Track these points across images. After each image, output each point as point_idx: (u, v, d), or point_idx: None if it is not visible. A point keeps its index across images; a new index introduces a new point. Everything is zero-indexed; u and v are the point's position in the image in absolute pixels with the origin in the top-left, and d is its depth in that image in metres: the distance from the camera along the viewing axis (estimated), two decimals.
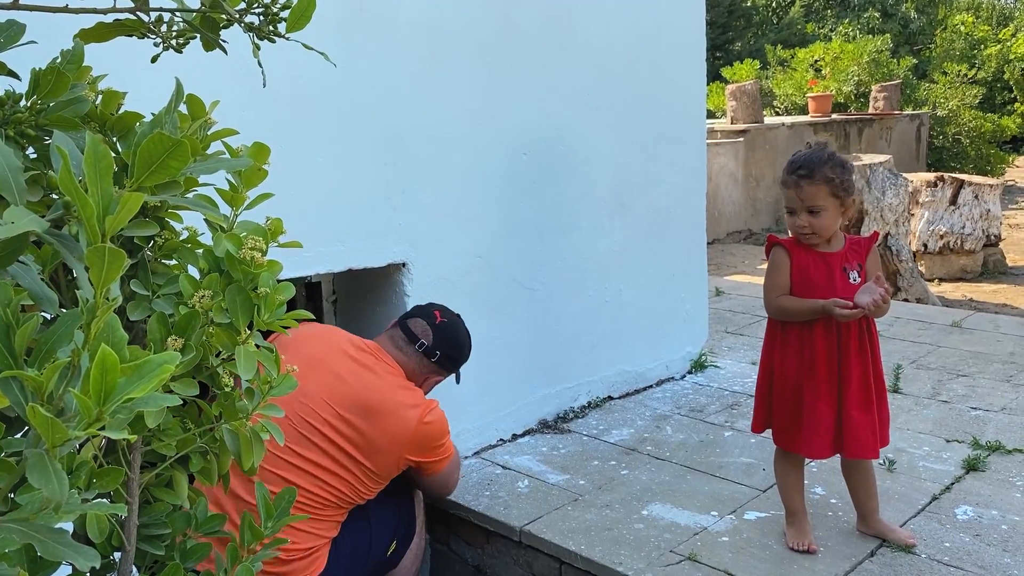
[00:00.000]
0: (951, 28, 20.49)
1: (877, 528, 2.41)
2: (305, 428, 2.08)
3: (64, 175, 0.65)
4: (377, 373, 2.18)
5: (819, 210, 2.19)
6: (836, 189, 2.19)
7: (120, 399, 0.64)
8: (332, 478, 2.10)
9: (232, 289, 1.06)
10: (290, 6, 1.24)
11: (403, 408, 2.14)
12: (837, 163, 2.20)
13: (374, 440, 2.11)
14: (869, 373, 2.29)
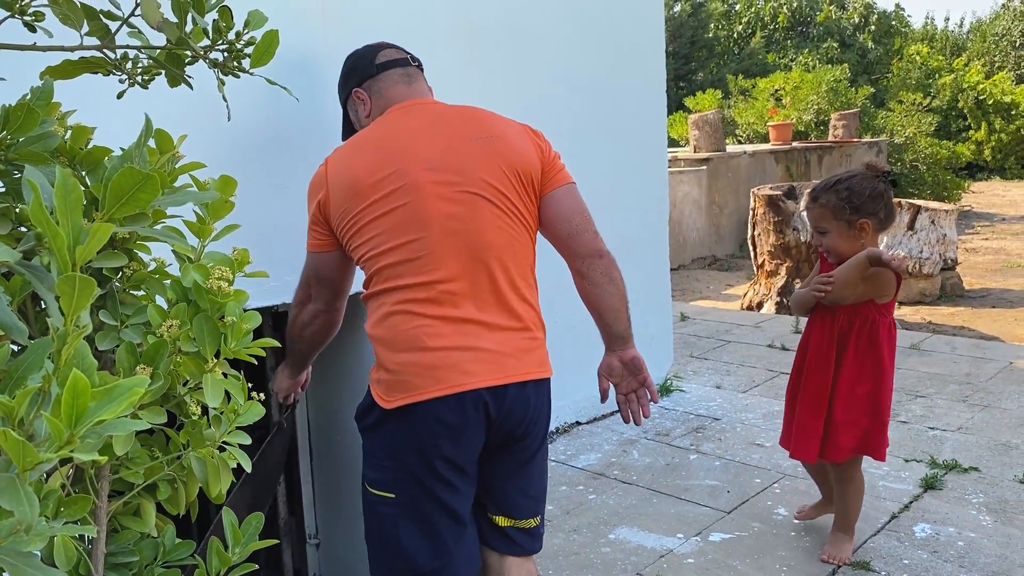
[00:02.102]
0: (907, 58, 21.05)
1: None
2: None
3: (35, 207, 0.68)
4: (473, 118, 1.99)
5: (824, 231, 2.35)
6: (837, 213, 2.30)
7: (91, 422, 0.67)
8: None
9: (199, 318, 1.08)
10: (254, 42, 1.28)
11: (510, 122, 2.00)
12: (843, 189, 2.30)
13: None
14: (827, 381, 2.36)
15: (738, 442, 3.36)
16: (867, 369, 2.34)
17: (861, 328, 2.33)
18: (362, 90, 2.06)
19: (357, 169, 1.87)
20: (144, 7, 1.11)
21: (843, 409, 2.35)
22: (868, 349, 2.34)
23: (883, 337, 2.33)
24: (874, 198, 2.29)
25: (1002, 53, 22.95)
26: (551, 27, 3.22)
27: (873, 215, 2.29)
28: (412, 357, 1.81)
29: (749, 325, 5.45)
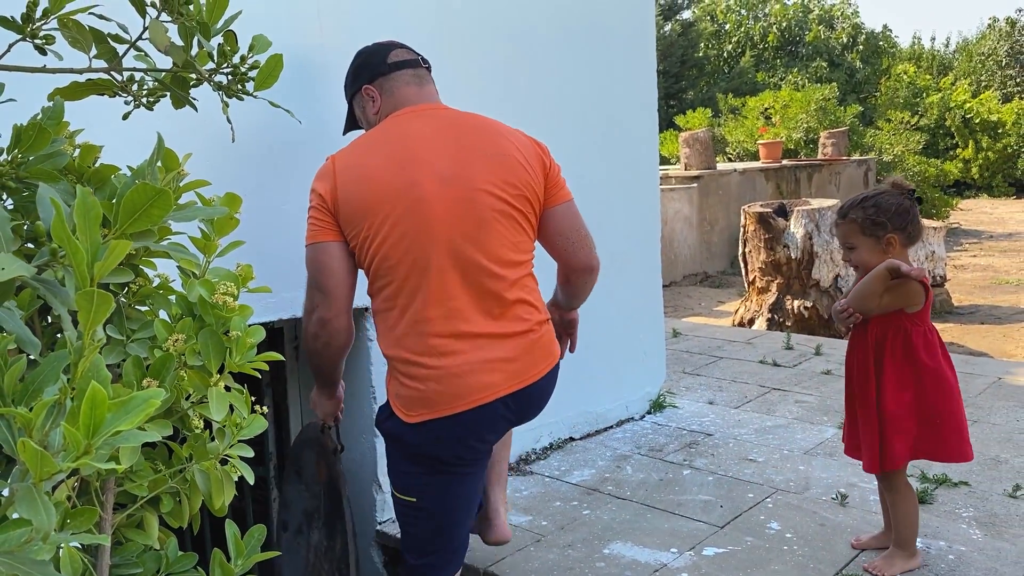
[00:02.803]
0: (895, 77, 21.28)
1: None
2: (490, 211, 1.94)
3: (57, 224, 0.70)
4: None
5: (852, 247, 2.41)
6: (865, 228, 2.37)
7: (108, 433, 0.69)
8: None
9: (205, 333, 1.10)
10: (258, 66, 1.31)
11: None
12: (871, 204, 2.37)
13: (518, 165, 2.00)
14: (872, 392, 2.42)
15: (731, 457, 3.39)
16: (907, 378, 2.38)
17: (895, 338, 2.38)
18: (373, 87, 2.08)
19: (369, 173, 1.92)
20: (152, 32, 1.15)
21: (890, 419, 2.40)
22: (904, 358, 2.38)
23: (918, 345, 2.37)
24: (900, 214, 2.36)
25: (988, 72, 23.22)
26: (543, 47, 3.26)
27: (900, 230, 2.36)
28: (431, 374, 1.89)
29: (741, 341, 5.49)
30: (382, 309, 1.96)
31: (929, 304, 2.39)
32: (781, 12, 23.52)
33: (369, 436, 2.82)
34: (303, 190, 2.50)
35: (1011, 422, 3.70)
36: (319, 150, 2.52)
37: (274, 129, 2.38)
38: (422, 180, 1.89)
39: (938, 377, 2.38)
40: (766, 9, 24.34)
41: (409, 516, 2.07)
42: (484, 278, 1.92)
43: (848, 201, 2.47)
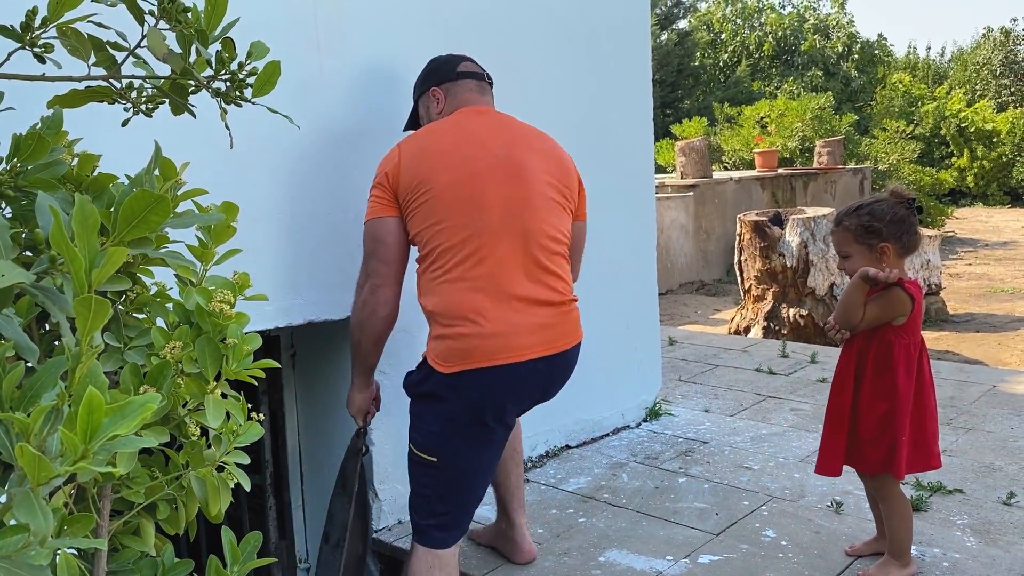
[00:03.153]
0: (890, 86, 21.36)
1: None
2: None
3: (56, 231, 0.71)
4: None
5: (847, 255, 2.43)
6: (858, 236, 2.38)
7: (105, 437, 0.70)
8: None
9: (202, 340, 1.11)
10: (256, 73, 1.32)
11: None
12: (865, 212, 2.39)
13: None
14: (846, 401, 2.45)
15: (726, 465, 3.39)
16: (882, 390, 2.40)
17: (877, 350, 2.40)
18: (440, 89, 2.33)
19: (430, 147, 2.14)
20: (150, 39, 1.15)
21: (866, 428, 2.43)
22: (884, 370, 2.40)
23: (898, 358, 2.38)
24: (895, 222, 2.36)
25: (983, 82, 23.33)
26: (538, 56, 3.28)
27: (895, 239, 2.36)
28: (470, 329, 2.05)
29: (737, 349, 5.50)
30: (431, 267, 2.11)
31: (917, 316, 2.38)
32: (777, 22, 23.62)
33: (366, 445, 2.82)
34: (296, 198, 2.51)
35: (1005, 430, 3.71)
36: (317, 157, 2.53)
37: (272, 136, 2.39)
38: (479, 156, 2.12)
39: (907, 395, 2.39)
40: (762, 19, 24.45)
41: (426, 476, 2.17)
42: (531, 246, 2.10)
43: (844, 208, 2.48)
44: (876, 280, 2.31)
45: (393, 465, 2.84)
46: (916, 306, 2.36)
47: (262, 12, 2.33)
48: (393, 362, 2.81)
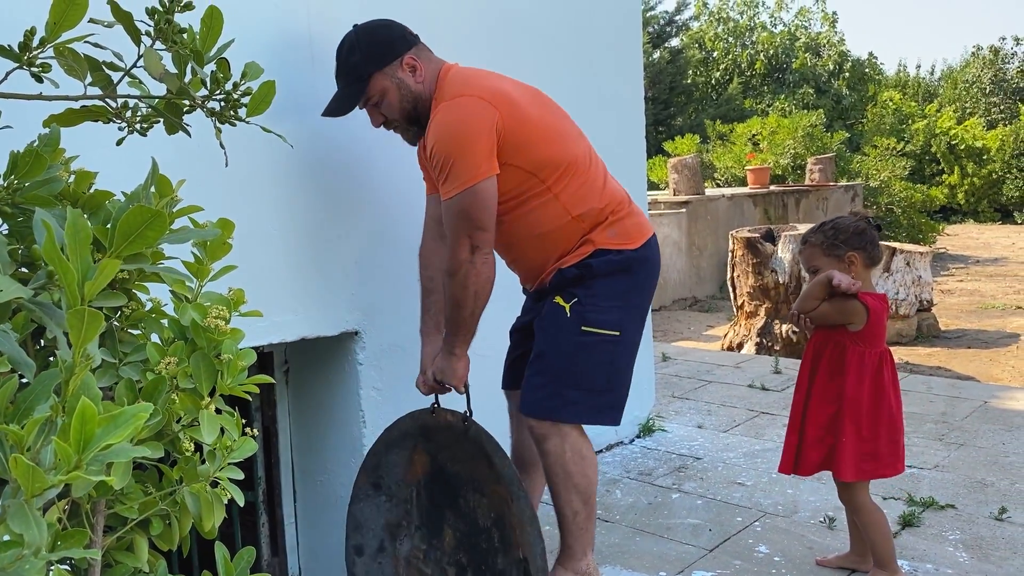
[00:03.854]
0: (881, 104, 21.51)
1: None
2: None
3: (48, 245, 0.72)
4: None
5: (816, 269, 2.50)
6: (826, 249, 2.48)
7: (98, 447, 0.71)
8: None
9: (197, 356, 1.12)
10: (250, 93, 1.33)
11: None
12: (828, 227, 2.51)
13: None
14: (801, 400, 2.55)
15: (720, 481, 3.40)
16: (831, 393, 2.48)
17: (832, 352, 2.49)
18: (412, 56, 2.32)
19: (509, 90, 2.30)
20: (147, 60, 1.17)
21: (812, 427, 2.51)
22: (835, 373, 2.48)
23: (851, 363, 2.45)
24: (858, 233, 2.48)
25: (972, 99, 23.51)
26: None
27: (860, 249, 2.47)
28: (634, 209, 2.46)
29: (730, 365, 5.51)
30: (573, 181, 2.34)
31: (876, 327, 2.45)
32: (768, 40, 23.80)
33: (358, 460, 2.82)
34: (290, 213, 2.52)
35: (997, 445, 3.73)
36: (310, 173, 2.55)
37: (265, 153, 2.40)
38: (549, 102, 2.45)
39: (856, 400, 2.45)
40: (753, 37, 24.64)
41: (608, 353, 2.35)
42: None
43: (808, 229, 2.59)
44: (839, 288, 2.41)
45: None
46: (873, 316, 2.43)
47: (256, 29, 2.36)
48: (387, 378, 2.82)
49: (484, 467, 2.33)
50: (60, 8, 1.13)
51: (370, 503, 2.50)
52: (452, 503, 2.39)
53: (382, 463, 2.49)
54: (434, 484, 2.43)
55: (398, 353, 2.86)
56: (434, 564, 2.41)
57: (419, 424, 2.45)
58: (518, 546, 2.29)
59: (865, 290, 2.46)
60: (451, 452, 2.39)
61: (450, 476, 2.39)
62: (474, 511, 2.36)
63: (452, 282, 2.28)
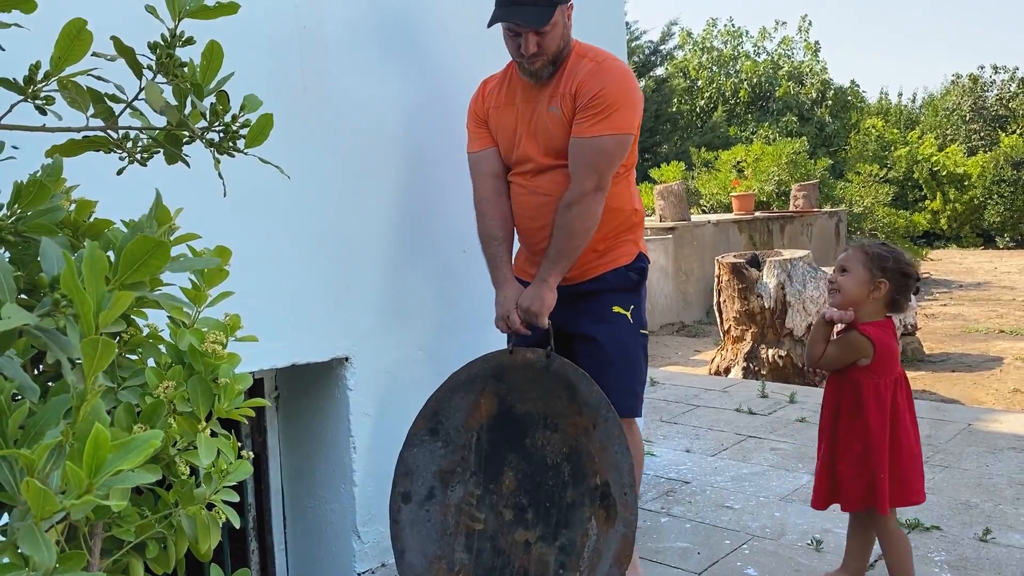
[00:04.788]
0: (863, 131, 21.78)
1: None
2: None
3: (67, 275, 0.75)
4: None
5: (845, 270, 2.53)
6: (868, 260, 2.49)
7: (109, 472, 0.73)
8: None
9: (194, 380, 1.14)
10: (248, 124, 1.37)
11: None
12: (888, 250, 2.54)
13: None
14: (828, 439, 2.55)
15: (708, 505, 3.42)
16: (856, 431, 2.47)
17: (849, 392, 2.49)
18: (571, 6, 2.54)
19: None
20: (148, 93, 1.21)
21: (844, 468, 2.50)
22: (856, 411, 2.47)
23: (868, 399, 2.44)
24: (904, 275, 2.49)
25: (953, 127, 23.82)
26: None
27: (894, 285, 2.47)
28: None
29: (717, 390, 5.55)
30: (632, 176, 2.70)
31: (885, 355, 2.45)
32: (752, 69, 24.11)
33: (348, 486, 2.83)
34: (281, 241, 2.55)
35: (981, 467, 3.77)
36: (299, 201, 2.58)
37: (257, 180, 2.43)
38: None
39: (880, 434, 2.44)
40: (737, 66, 24.94)
41: (645, 350, 2.69)
42: None
43: (872, 241, 2.61)
44: (832, 320, 2.45)
45: (376, 506, 2.85)
46: (879, 347, 2.43)
47: (250, 60, 2.39)
48: (377, 404, 2.84)
49: (563, 400, 2.42)
50: (65, 43, 1.17)
51: (424, 449, 2.53)
52: (517, 444, 2.46)
53: (443, 408, 2.54)
54: (498, 427, 2.49)
55: (389, 378, 2.88)
56: (488, 509, 2.43)
57: (493, 365, 2.53)
58: (595, 473, 2.35)
59: (871, 319, 2.47)
60: (524, 392, 2.48)
61: (518, 417, 2.48)
62: (542, 449, 2.43)
63: (569, 213, 2.46)
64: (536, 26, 2.39)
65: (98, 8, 1.95)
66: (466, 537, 2.44)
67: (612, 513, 2.30)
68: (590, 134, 2.42)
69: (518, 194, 2.63)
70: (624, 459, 2.31)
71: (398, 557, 2.47)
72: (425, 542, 2.46)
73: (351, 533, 2.86)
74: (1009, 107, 22.89)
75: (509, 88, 2.63)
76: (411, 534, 2.47)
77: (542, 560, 2.36)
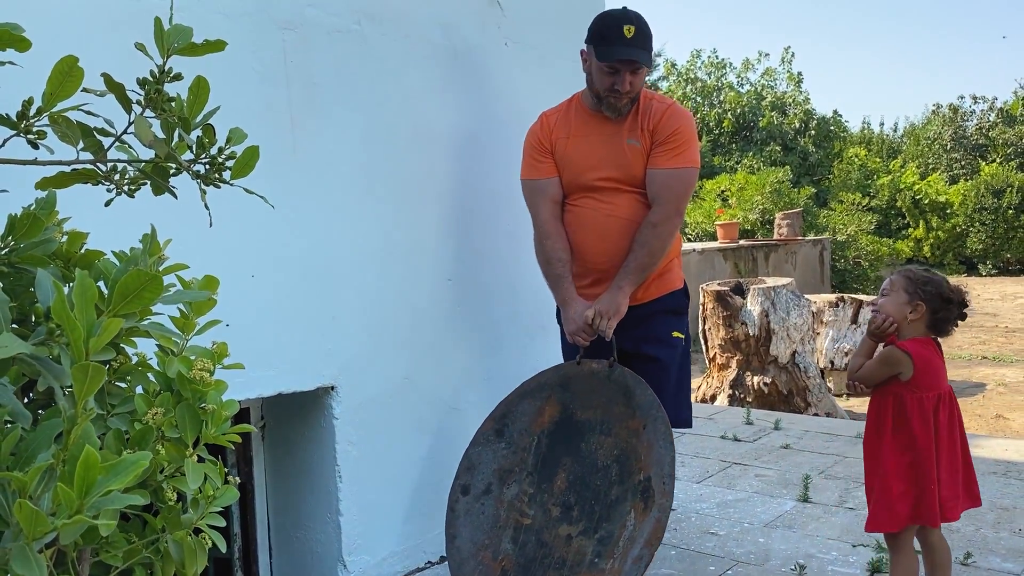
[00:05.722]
0: (846, 160, 22.05)
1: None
2: None
3: (58, 304, 0.78)
4: None
5: (887, 292, 2.58)
6: (908, 283, 2.54)
7: (100, 493, 0.76)
8: None
9: (182, 407, 1.17)
10: (234, 156, 1.41)
11: None
12: (927, 275, 2.58)
13: None
14: (874, 456, 2.56)
15: (692, 531, 3.44)
16: (902, 442, 2.49)
17: (893, 404, 2.51)
18: None
19: None
20: (137, 128, 1.24)
21: (896, 481, 2.49)
22: (901, 425, 2.49)
23: (912, 412, 2.47)
24: (943, 299, 2.52)
25: (935, 155, 24.16)
26: (506, 139, 3.42)
27: (933, 307, 2.51)
28: None
29: (703, 417, 5.57)
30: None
31: (926, 371, 2.48)
32: (735, 99, 24.39)
33: (334, 516, 2.84)
34: (268, 269, 2.58)
35: None
36: (285, 231, 2.62)
37: (245, 212, 2.46)
38: None
39: (927, 446, 2.45)
40: (721, 96, 25.23)
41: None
42: None
43: (916, 266, 2.68)
44: (872, 324, 2.54)
45: (362, 535, 2.86)
46: (918, 361, 2.46)
47: (237, 93, 2.44)
48: (363, 433, 2.85)
49: (620, 406, 2.70)
50: (57, 79, 1.21)
51: (488, 448, 2.78)
52: (573, 448, 2.72)
53: (511, 412, 2.80)
54: (558, 431, 2.76)
55: (374, 406, 2.90)
56: (538, 506, 2.67)
57: (561, 374, 2.83)
58: (640, 470, 2.60)
59: (912, 335, 2.50)
60: (585, 399, 2.76)
61: (577, 423, 2.75)
62: (595, 453, 2.69)
63: (654, 231, 2.78)
64: (648, 66, 2.80)
65: (89, 45, 1.99)
66: (514, 530, 2.69)
67: (650, 503, 2.52)
68: (671, 166, 2.79)
69: (587, 216, 2.90)
70: (667, 452, 2.57)
71: (449, 542, 2.74)
72: (476, 531, 2.72)
73: (337, 562, 2.86)
74: (989, 136, 23.24)
75: (578, 120, 2.93)
76: (464, 523, 2.73)
77: (580, 551, 2.57)
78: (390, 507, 2.98)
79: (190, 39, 1.26)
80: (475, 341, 3.31)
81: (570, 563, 2.54)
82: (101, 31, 2.15)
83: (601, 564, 2.49)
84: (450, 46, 3.16)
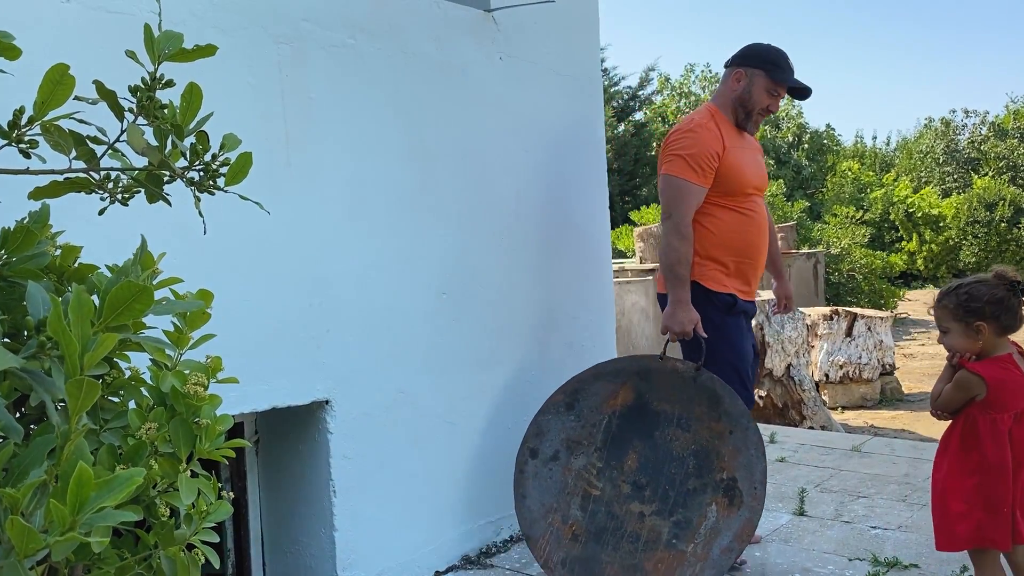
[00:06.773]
0: (840, 174, 22.14)
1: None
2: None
3: (55, 319, 0.77)
4: None
5: (946, 330, 2.55)
6: (955, 314, 2.49)
7: (93, 509, 0.74)
8: None
9: (176, 421, 1.15)
10: (228, 163, 1.40)
11: None
12: (963, 292, 2.49)
13: None
14: (940, 476, 2.54)
15: None
16: (971, 463, 2.44)
17: (965, 425, 2.47)
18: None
19: None
20: (130, 135, 1.23)
21: (955, 501, 2.45)
22: (972, 446, 2.45)
23: (984, 432, 2.43)
24: (993, 303, 2.44)
25: (927, 169, 24.28)
26: (501, 154, 3.42)
27: (992, 319, 2.44)
28: None
29: None
30: None
31: (999, 391, 2.42)
32: None
33: (328, 530, 2.82)
34: (262, 284, 2.57)
35: None
36: (280, 244, 2.60)
37: (240, 223, 2.45)
38: None
39: (1001, 467, 2.41)
40: None
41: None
42: None
43: (945, 287, 2.60)
44: (954, 362, 2.52)
45: (356, 550, 2.83)
46: (991, 382, 2.41)
47: (232, 107, 2.43)
48: (357, 447, 2.83)
49: (703, 407, 2.90)
50: (48, 88, 1.20)
51: (557, 418, 2.96)
52: (645, 435, 2.94)
53: (583, 388, 2.97)
54: (630, 415, 2.96)
55: (369, 421, 2.88)
56: (607, 480, 2.87)
57: (639, 365, 3.03)
58: (723, 469, 2.83)
59: (992, 353, 2.45)
60: (664, 393, 2.95)
61: (652, 412, 2.95)
62: (669, 443, 2.91)
63: (775, 235, 3.49)
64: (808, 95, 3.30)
65: (80, 53, 1.98)
66: (582, 499, 2.90)
67: (736, 502, 2.79)
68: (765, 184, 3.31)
69: (749, 219, 3.17)
70: (759, 462, 2.80)
71: (519, 500, 2.93)
72: (544, 494, 2.91)
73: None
74: (981, 150, 23.38)
75: (729, 132, 3.18)
76: (533, 484, 2.93)
77: (655, 529, 2.80)
78: (385, 522, 2.95)
79: (180, 45, 1.25)
80: (469, 355, 3.29)
81: (644, 539, 2.77)
82: (92, 39, 2.14)
83: (680, 546, 2.74)
84: (444, 60, 3.16)
